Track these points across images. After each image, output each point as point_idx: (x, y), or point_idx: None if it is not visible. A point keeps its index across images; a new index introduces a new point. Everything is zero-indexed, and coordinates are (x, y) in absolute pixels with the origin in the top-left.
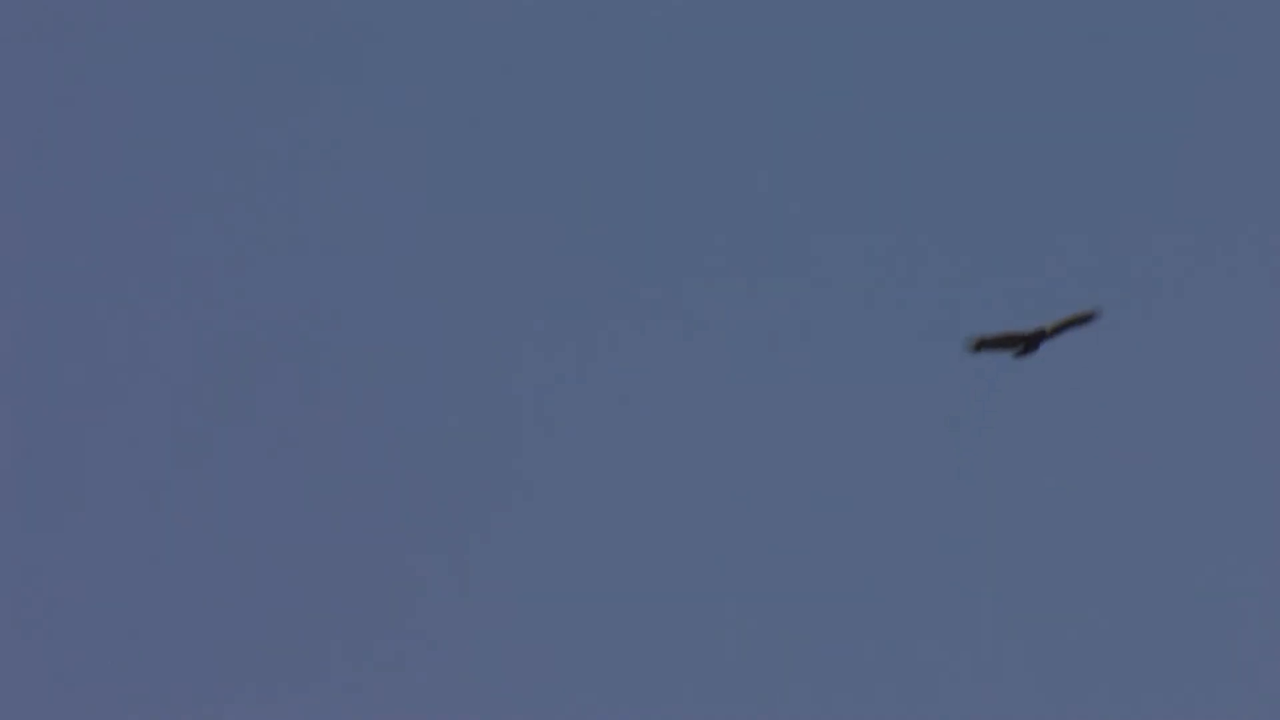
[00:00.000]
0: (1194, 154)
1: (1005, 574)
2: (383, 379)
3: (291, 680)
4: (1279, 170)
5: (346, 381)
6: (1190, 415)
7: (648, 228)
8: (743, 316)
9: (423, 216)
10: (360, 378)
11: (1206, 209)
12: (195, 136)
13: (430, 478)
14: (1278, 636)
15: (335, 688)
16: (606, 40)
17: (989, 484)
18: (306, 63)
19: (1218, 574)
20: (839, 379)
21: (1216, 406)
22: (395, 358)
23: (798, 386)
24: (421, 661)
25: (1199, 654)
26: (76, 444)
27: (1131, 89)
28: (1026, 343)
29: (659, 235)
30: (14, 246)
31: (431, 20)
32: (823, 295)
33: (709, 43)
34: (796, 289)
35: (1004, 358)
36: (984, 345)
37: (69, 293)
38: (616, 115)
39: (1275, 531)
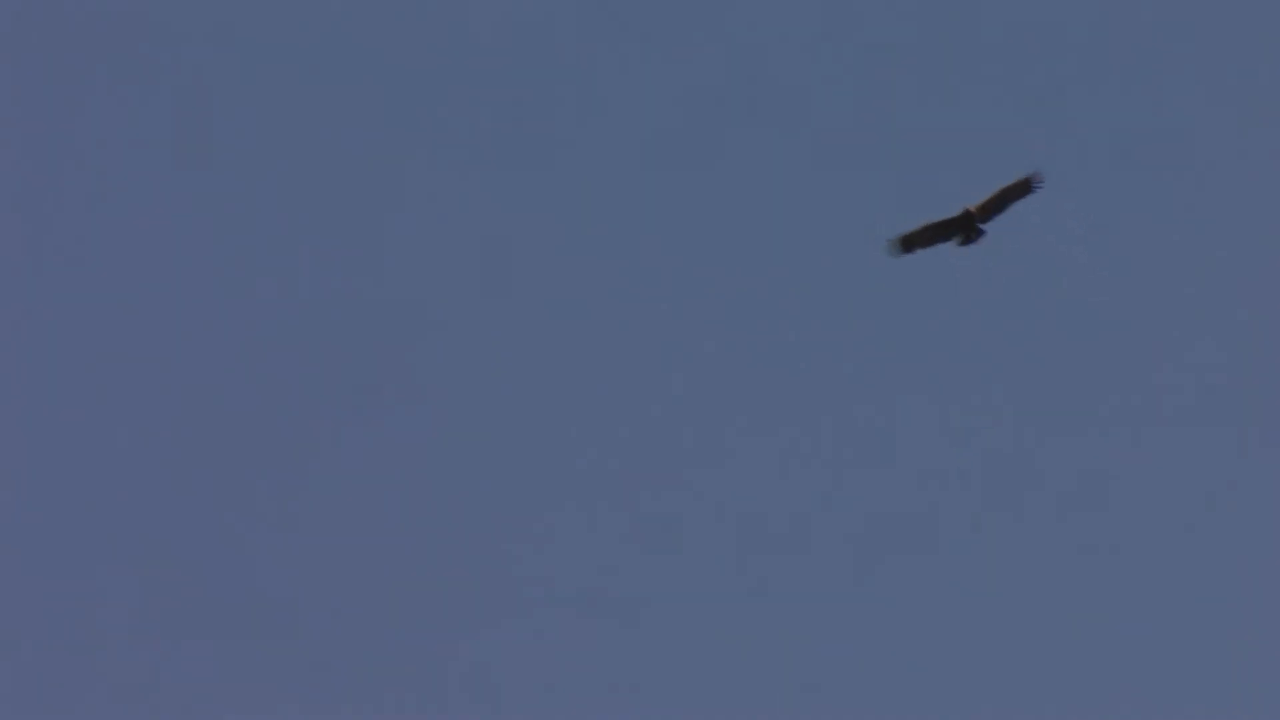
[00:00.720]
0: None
1: (1004, 573)
2: (385, 380)
3: (292, 685)
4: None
5: (349, 382)
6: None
7: (645, 227)
8: (740, 316)
9: (423, 215)
10: (363, 379)
11: (1206, 207)
12: (195, 136)
13: (432, 480)
14: (1278, 636)
15: (336, 691)
16: (607, 41)
17: (988, 483)
18: (306, 63)
19: (1218, 574)
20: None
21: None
22: (397, 358)
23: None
24: (425, 667)
25: (1199, 653)
26: (77, 444)
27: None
28: (962, 230)
29: (654, 234)
30: (14, 246)
31: (432, 20)
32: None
33: (708, 44)
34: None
35: (947, 250)
36: (911, 243)
37: (69, 292)
38: (616, 115)
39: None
